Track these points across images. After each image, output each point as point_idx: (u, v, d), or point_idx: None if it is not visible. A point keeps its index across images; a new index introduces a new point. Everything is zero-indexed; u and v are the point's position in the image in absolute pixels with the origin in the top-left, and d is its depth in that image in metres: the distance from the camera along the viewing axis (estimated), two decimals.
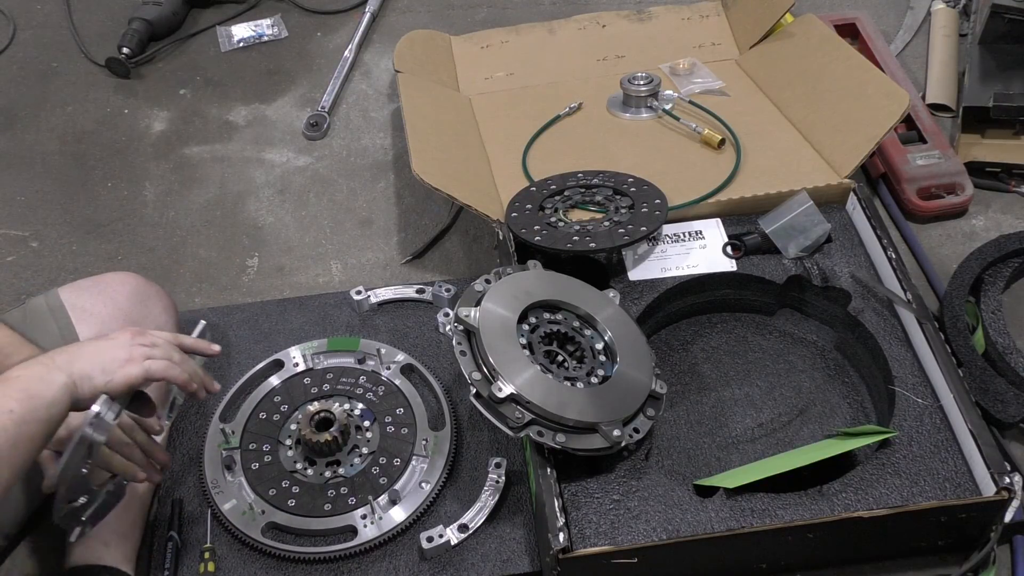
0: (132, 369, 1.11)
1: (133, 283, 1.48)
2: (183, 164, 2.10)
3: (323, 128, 2.14)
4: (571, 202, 1.69)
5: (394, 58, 2.06)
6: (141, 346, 1.13)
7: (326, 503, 1.40)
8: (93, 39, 2.40)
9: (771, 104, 1.93)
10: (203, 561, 1.36)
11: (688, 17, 2.21)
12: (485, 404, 1.27)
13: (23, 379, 1.03)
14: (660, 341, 1.60)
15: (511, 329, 1.33)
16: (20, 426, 1.00)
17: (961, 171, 1.87)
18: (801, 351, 1.58)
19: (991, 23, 2.01)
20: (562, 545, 1.21)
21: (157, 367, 1.13)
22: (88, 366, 1.08)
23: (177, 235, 1.94)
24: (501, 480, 1.42)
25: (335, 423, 1.44)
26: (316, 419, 1.45)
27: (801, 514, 1.26)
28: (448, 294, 1.69)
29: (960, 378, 1.37)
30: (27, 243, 1.93)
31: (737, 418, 1.49)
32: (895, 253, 1.54)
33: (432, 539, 1.35)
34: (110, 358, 1.10)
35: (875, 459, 1.32)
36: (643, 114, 1.93)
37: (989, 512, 1.27)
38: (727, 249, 1.61)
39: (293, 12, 2.49)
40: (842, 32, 2.11)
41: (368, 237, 1.91)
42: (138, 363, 1.11)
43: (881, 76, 1.79)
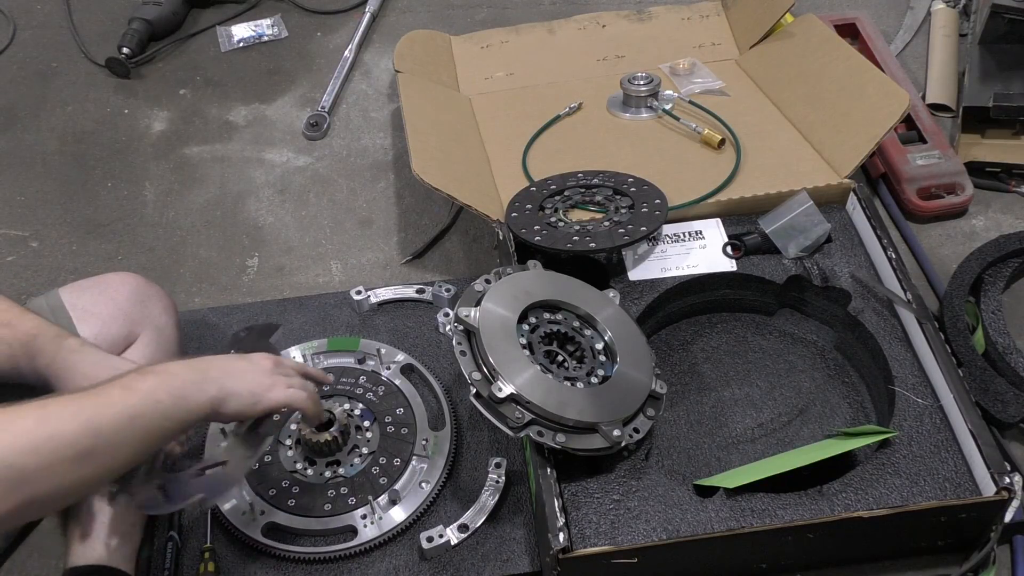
0: (277, 396, 1.17)
1: (134, 283, 1.47)
2: (183, 164, 2.10)
3: (323, 128, 2.14)
4: (571, 202, 1.69)
5: (394, 58, 2.06)
6: (281, 375, 1.19)
7: (326, 503, 1.40)
8: (93, 39, 2.40)
9: (771, 104, 1.93)
10: (203, 561, 1.36)
11: (688, 17, 2.21)
12: (485, 404, 1.27)
13: (179, 378, 1.09)
14: (660, 341, 1.60)
15: (511, 329, 1.33)
16: (161, 420, 1.05)
17: (961, 171, 1.87)
18: (801, 351, 1.58)
19: (991, 23, 2.01)
20: (562, 545, 1.21)
21: (297, 398, 1.20)
22: (238, 386, 1.13)
23: (177, 235, 1.94)
24: (501, 480, 1.42)
25: (335, 423, 1.44)
26: None
27: (801, 514, 1.26)
28: (448, 294, 1.69)
29: (960, 378, 1.37)
30: (27, 243, 1.93)
31: (737, 418, 1.49)
32: (895, 253, 1.54)
33: (432, 539, 1.35)
34: (256, 383, 1.16)
35: (875, 459, 1.32)
36: (643, 114, 1.93)
37: (989, 512, 1.27)
38: (727, 249, 1.61)
39: (293, 12, 2.49)
40: (842, 32, 2.11)
41: (368, 237, 1.91)
42: (281, 391, 1.18)
43: (881, 76, 1.79)
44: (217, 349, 1.63)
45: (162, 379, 1.07)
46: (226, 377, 1.13)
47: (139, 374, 1.08)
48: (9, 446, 0.93)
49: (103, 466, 1.01)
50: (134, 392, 1.04)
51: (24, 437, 0.94)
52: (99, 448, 0.99)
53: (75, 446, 0.96)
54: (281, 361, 1.23)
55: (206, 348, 1.64)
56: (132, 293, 1.45)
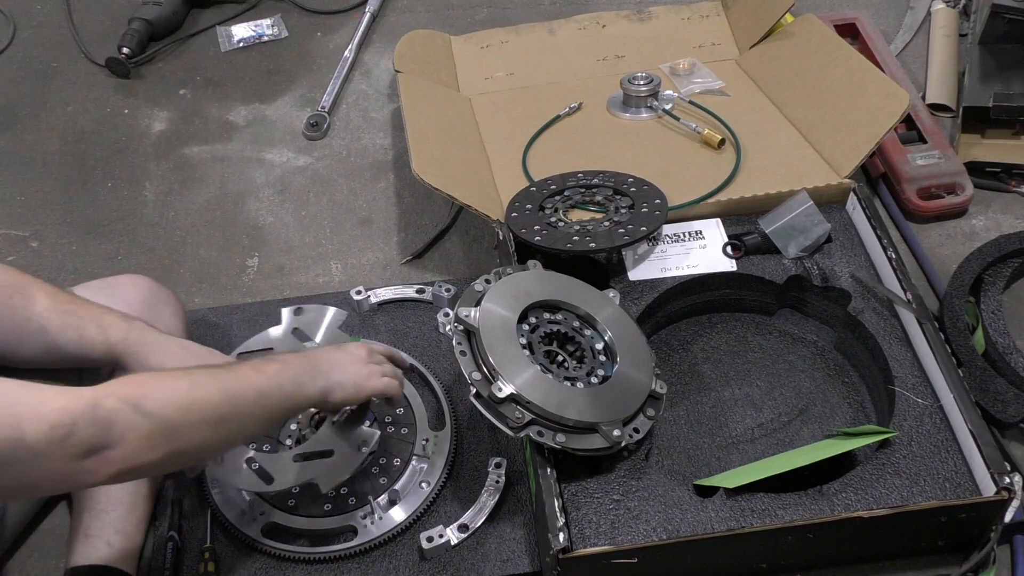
0: (375, 384, 1.27)
1: (145, 286, 1.49)
2: (183, 164, 2.10)
3: (323, 128, 2.14)
4: (571, 202, 1.69)
5: (394, 58, 2.06)
6: (376, 364, 1.30)
7: (326, 503, 1.40)
8: (93, 39, 2.40)
9: (771, 104, 1.93)
10: (203, 561, 1.36)
11: (688, 17, 2.21)
12: (485, 404, 1.27)
13: (297, 368, 1.20)
14: (660, 341, 1.60)
15: (511, 329, 1.33)
16: (282, 401, 1.17)
17: (961, 171, 1.87)
18: (801, 351, 1.58)
19: (991, 23, 2.01)
20: (562, 545, 1.21)
21: (390, 385, 1.29)
22: (343, 377, 1.24)
23: (177, 235, 1.94)
24: (501, 480, 1.42)
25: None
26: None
27: (801, 514, 1.26)
28: (448, 294, 1.69)
29: (960, 378, 1.37)
30: (27, 243, 1.93)
31: (737, 418, 1.49)
32: (895, 253, 1.54)
33: (432, 539, 1.35)
34: (356, 373, 1.26)
35: (875, 459, 1.32)
36: (643, 114, 1.93)
37: (989, 512, 1.27)
38: (727, 249, 1.61)
39: (293, 12, 2.49)
40: (842, 32, 2.11)
41: (368, 237, 1.91)
42: (378, 380, 1.28)
43: (881, 76, 1.79)
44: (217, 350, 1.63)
45: (283, 367, 1.19)
46: (332, 370, 1.23)
47: (263, 361, 1.21)
48: (166, 403, 1.04)
49: (232, 433, 1.13)
50: (262, 374, 1.16)
51: (178, 396, 1.06)
52: (233, 416, 1.11)
53: (216, 411, 1.08)
54: (372, 349, 1.32)
55: None
56: (144, 296, 1.46)
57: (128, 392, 1.03)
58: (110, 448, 1.00)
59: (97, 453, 0.99)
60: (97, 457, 0.99)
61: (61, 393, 1.00)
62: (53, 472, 0.99)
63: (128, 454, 1.01)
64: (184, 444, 1.06)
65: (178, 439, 1.05)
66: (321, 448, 1.35)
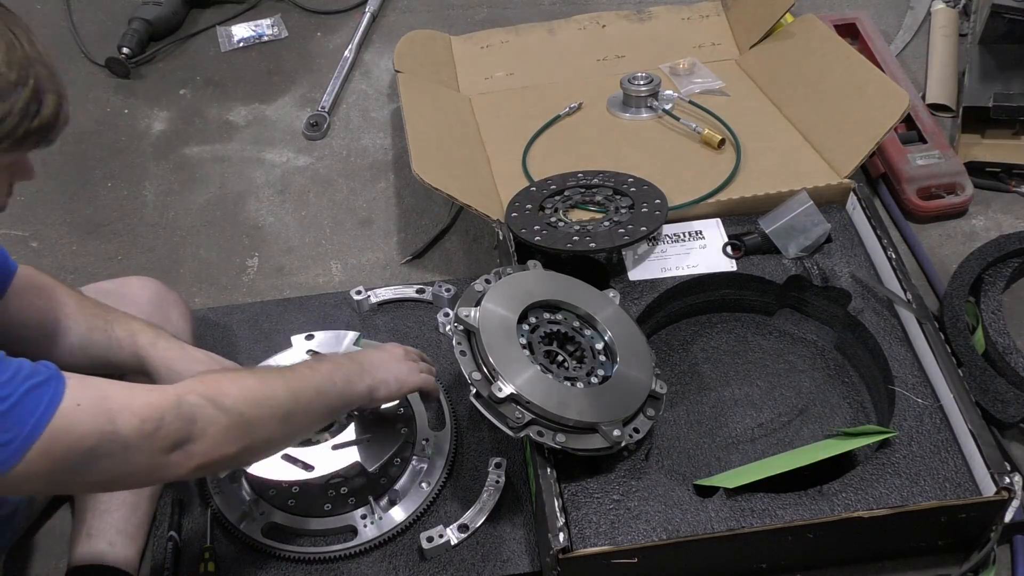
0: (415, 380, 1.32)
1: (153, 288, 1.50)
2: (183, 164, 2.10)
3: (323, 128, 2.14)
4: (571, 202, 1.69)
5: (394, 58, 2.06)
6: (412, 362, 1.35)
7: (326, 503, 1.40)
8: (93, 39, 2.40)
9: (771, 104, 1.93)
10: (203, 561, 1.36)
11: (688, 17, 2.21)
12: (485, 404, 1.27)
13: (346, 368, 1.25)
14: (660, 341, 1.60)
15: (511, 329, 1.33)
16: (337, 398, 1.22)
17: (961, 171, 1.87)
18: (801, 351, 1.58)
19: (991, 23, 2.01)
20: (562, 545, 1.21)
21: (428, 381, 1.35)
22: (387, 375, 1.29)
23: (177, 235, 1.94)
24: (501, 480, 1.42)
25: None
26: None
27: (801, 514, 1.26)
28: (448, 294, 1.69)
29: (960, 378, 1.37)
30: (27, 243, 1.93)
31: (737, 418, 1.49)
32: (895, 253, 1.54)
33: (432, 539, 1.35)
34: (398, 370, 1.31)
35: (875, 459, 1.32)
36: (643, 114, 1.93)
37: (989, 512, 1.27)
38: (727, 249, 1.61)
39: (293, 12, 2.49)
40: (842, 32, 2.11)
41: (368, 237, 1.91)
42: (416, 376, 1.33)
43: (881, 76, 1.79)
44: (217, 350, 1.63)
45: (335, 366, 1.24)
46: (376, 368, 1.28)
47: (316, 361, 1.29)
48: (241, 398, 1.09)
49: (296, 427, 1.18)
50: (317, 372, 1.21)
51: (250, 392, 1.11)
52: (297, 411, 1.16)
53: (283, 406, 1.13)
54: (409, 350, 1.37)
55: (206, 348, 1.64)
56: (152, 298, 1.48)
57: (207, 389, 1.07)
58: (193, 442, 1.04)
59: (182, 447, 1.03)
60: (181, 451, 1.04)
61: (148, 390, 1.05)
62: (142, 465, 1.02)
63: (208, 448, 1.05)
64: (256, 438, 1.11)
65: (252, 433, 1.09)
66: (356, 437, 1.41)
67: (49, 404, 0.96)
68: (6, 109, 0.95)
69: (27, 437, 0.94)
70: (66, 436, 0.96)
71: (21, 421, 0.94)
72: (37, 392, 0.95)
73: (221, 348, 1.64)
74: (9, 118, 0.96)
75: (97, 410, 0.98)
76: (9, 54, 0.96)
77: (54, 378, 0.98)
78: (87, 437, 0.97)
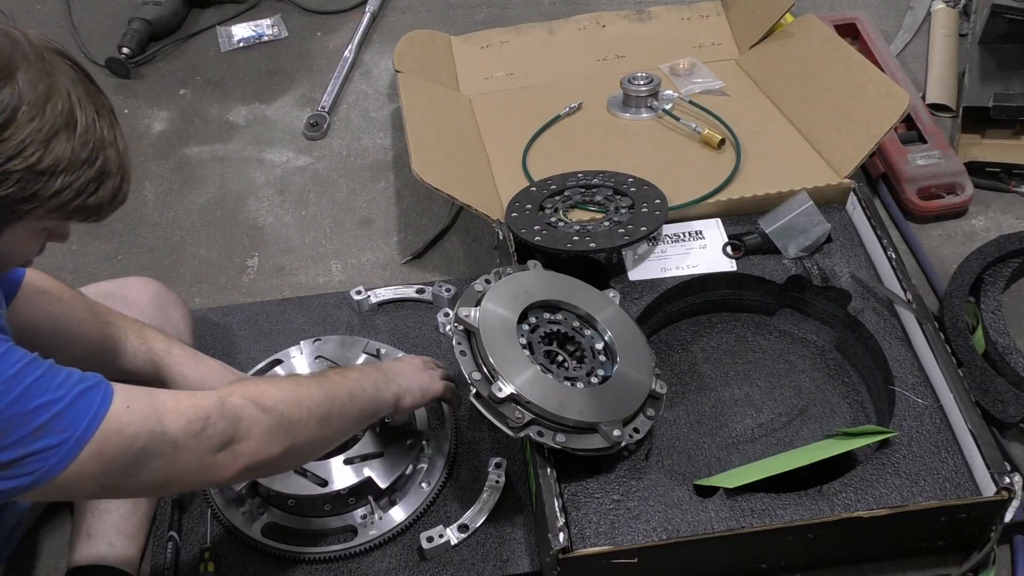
0: (437, 388, 1.35)
1: (154, 290, 1.50)
2: (183, 164, 2.10)
3: (323, 128, 2.14)
4: (571, 202, 1.69)
5: (394, 58, 2.06)
6: (432, 370, 1.38)
7: (326, 503, 1.40)
8: (93, 39, 2.40)
9: (771, 104, 1.93)
10: (203, 561, 1.36)
11: (688, 17, 2.21)
12: (485, 404, 1.27)
13: (373, 376, 1.27)
14: (660, 341, 1.60)
15: (511, 329, 1.33)
16: (367, 404, 1.24)
17: (961, 171, 1.87)
18: (801, 351, 1.58)
19: (991, 23, 2.01)
20: (562, 545, 1.21)
21: (448, 389, 1.38)
22: (410, 384, 1.31)
23: (177, 235, 1.94)
24: (501, 480, 1.42)
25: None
26: None
27: (801, 514, 1.26)
28: (448, 294, 1.69)
29: (960, 378, 1.37)
30: None
31: (737, 418, 1.49)
32: (895, 253, 1.54)
33: (432, 539, 1.35)
34: (421, 379, 1.34)
35: (875, 459, 1.32)
36: (643, 114, 1.93)
37: (989, 512, 1.27)
38: (727, 249, 1.61)
39: (293, 12, 2.49)
40: (842, 32, 2.11)
41: (368, 237, 1.91)
42: (439, 384, 1.36)
43: (881, 76, 1.79)
44: (217, 350, 1.63)
45: (362, 374, 1.27)
46: (399, 377, 1.31)
47: (344, 369, 1.31)
48: (280, 399, 1.12)
49: (333, 431, 1.20)
50: (347, 379, 1.23)
51: (289, 394, 1.13)
52: (333, 414, 1.18)
53: (320, 408, 1.15)
54: (426, 360, 1.40)
55: (206, 348, 1.64)
56: (152, 299, 1.48)
57: (247, 391, 1.10)
58: (238, 442, 1.07)
59: (228, 447, 1.06)
60: (228, 451, 1.06)
61: (192, 394, 1.08)
62: (192, 464, 1.04)
63: (254, 448, 1.08)
64: (297, 439, 1.12)
65: (293, 434, 1.11)
66: (369, 451, 1.42)
67: (100, 406, 0.98)
68: (66, 183, 0.97)
69: (80, 438, 0.96)
70: (118, 437, 0.99)
71: (74, 423, 0.96)
72: (88, 395, 0.98)
73: (221, 348, 1.64)
74: (67, 191, 0.98)
75: (146, 411, 1.01)
76: (87, 133, 0.99)
77: (103, 382, 1.01)
78: (138, 437, 1.00)
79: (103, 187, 1.02)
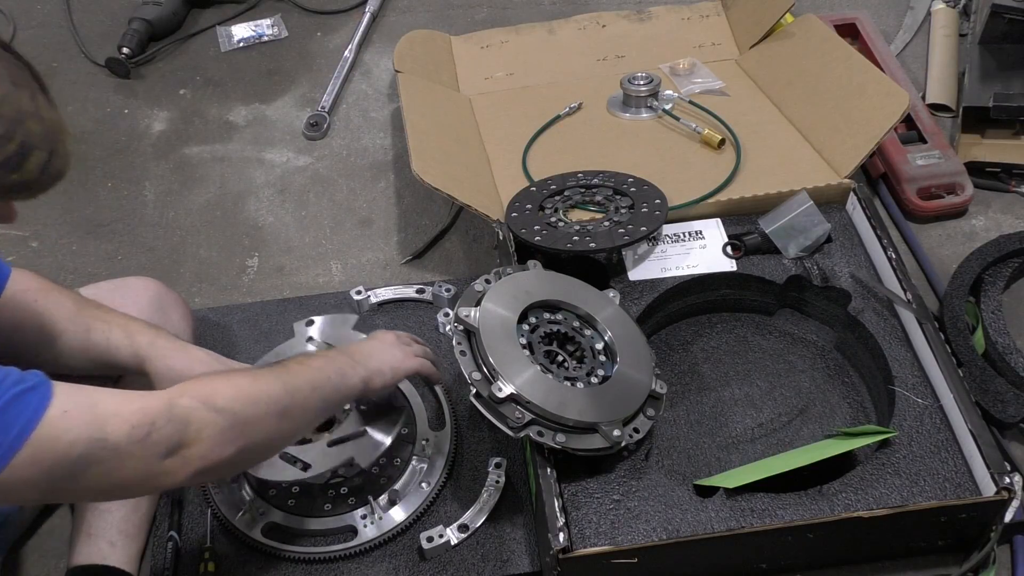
0: (411, 364, 1.32)
1: (154, 289, 1.50)
2: (183, 164, 2.10)
3: (323, 128, 2.14)
4: (571, 202, 1.69)
5: (394, 58, 2.06)
6: (405, 346, 1.34)
7: (326, 503, 1.40)
8: (93, 39, 2.40)
9: (771, 104, 1.93)
10: (203, 561, 1.36)
11: (688, 17, 2.21)
12: (485, 404, 1.27)
13: (338, 361, 1.23)
14: (660, 341, 1.60)
15: (511, 329, 1.33)
16: (332, 392, 1.20)
17: (961, 171, 1.87)
18: (801, 351, 1.58)
19: (991, 23, 2.01)
20: (562, 545, 1.21)
21: (424, 364, 1.34)
22: (379, 364, 1.27)
23: (177, 235, 1.94)
24: (501, 480, 1.42)
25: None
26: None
27: (801, 514, 1.26)
28: (448, 294, 1.69)
29: (960, 378, 1.37)
30: (27, 243, 1.93)
31: (737, 418, 1.49)
32: (895, 253, 1.54)
33: (432, 539, 1.35)
34: (391, 357, 1.29)
35: (875, 459, 1.32)
36: (643, 114, 1.93)
37: (989, 512, 1.27)
38: (727, 249, 1.61)
39: (293, 12, 2.49)
40: (842, 32, 2.11)
41: (368, 237, 1.91)
42: (412, 360, 1.32)
43: (881, 76, 1.79)
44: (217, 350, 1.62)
45: (327, 360, 1.23)
46: (368, 358, 1.27)
47: (306, 357, 1.24)
48: (235, 398, 1.07)
49: (294, 425, 1.16)
50: (309, 368, 1.19)
51: (244, 391, 1.09)
52: (294, 408, 1.13)
53: (279, 403, 1.11)
54: (400, 335, 1.36)
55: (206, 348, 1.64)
56: (152, 299, 1.47)
57: (199, 391, 1.05)
58: (188, 447, 1.02)
59: (176, 452, 1.02)
60: (176, 456, 1.02)
61: (140, 396, 1.03)
62: (138, 472, 1.00)
63: (205, 451, 1.03)
64: (254, 438, 1.08)
65: (248, 433, 1.07)
66: (352, 432, 1.40)
67: (35, 411, 0.94)
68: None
69: (11, 444, 0.92)
70: (54, 444, 0.95)
71: (6, 428, 0.92)
72: (23, 399, 0.94)
73: (221, 348, 1.63)
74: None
75: (86, 417, 0.97)
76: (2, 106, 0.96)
77: (42, 385, 0.97)
78: (76, 444, 0.96)
79: (28, 162, 1.00)
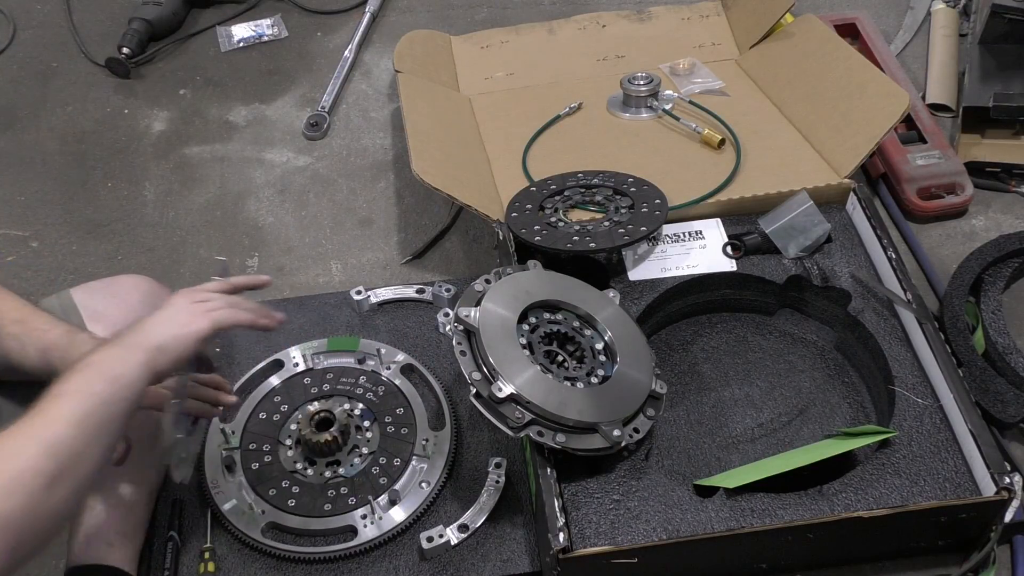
0: (201, 324, 1.14)
1: (146, 287, 1.49)
2: (183, 164, 2.10)
3: (323, 128, 2.14)
4: (571, 202, 1.69)
5: (394, 58, 2.06)
6: (199, 303, 1.17)
7: (326, 503, 1.40)
8: (93, 39, 2.40)
9: (771, 104, 1.93)
10: (203, 561, 1.36)
11: (688, 17, 2.21)
12: (485, 404, 1.27)
13: (105, 363, 1.05)
14: (660, 341, 1.60)
15: (511, 329, 1.33)
16: (108, 406, 1.02)
17: (961, 171, 1.87)
18: (801, 351, 1.58)
19: (991, 23, 2.01)
20: (562, 545, 1.21)
21: (223, 316, 1.17)
22: (160, 337, 1.10)
23: (177, 235, 1.94)
24: (501, 480, 1.42)
25: (335, 423, 1.44)
26: (316, 419, 1.46)
27: (801, 514, 1.26)
28: (448, 294, 1.69)
29: (960, 378, 1.37)
30: (27, 243, 1.93)
31: (737, 418, 1.49)
32: (895, 253, 1.54)
33: (432, 539, 1.35)
34: (176, 323, 1.13)
35: (875, 459, 1.32)
36: (643, 114, 1.93)
37: (989, 512, 1.27)
38: (727, 249, 1.61)
39: (293, 12, 2.49)
40: (842, 32, 2.11)
41: (368, 237, 1.91)
42: (203, 317, 1.15)
43: (881, 76, 1.79)
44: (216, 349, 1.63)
45: (89, 370, 1.04)
46: (145, 336, 1.10)
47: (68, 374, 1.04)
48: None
49: (75, 480, 0.98)
50: (67, 397, 1.00)
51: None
52: (64, 466, 0.96)
53: (42, 473, 0.93)
54: (196, 291, 1.20)
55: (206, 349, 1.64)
56: (144, 297, 1.46)
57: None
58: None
59: None
60: None
61: None
62: None
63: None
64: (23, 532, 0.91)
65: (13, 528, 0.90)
66: None
67: None
68: None
69: None
70: None
71: None
72: None
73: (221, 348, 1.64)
74: None
75: None
76: None
77: None
78: None
79: None
